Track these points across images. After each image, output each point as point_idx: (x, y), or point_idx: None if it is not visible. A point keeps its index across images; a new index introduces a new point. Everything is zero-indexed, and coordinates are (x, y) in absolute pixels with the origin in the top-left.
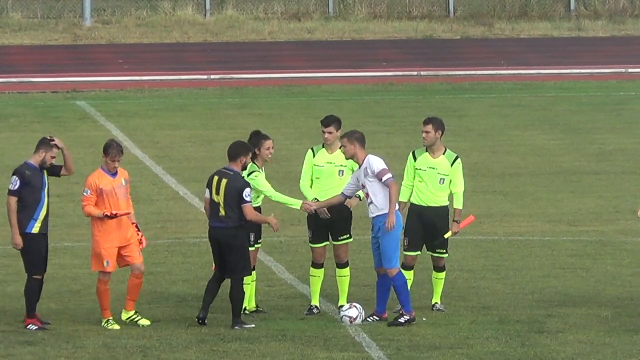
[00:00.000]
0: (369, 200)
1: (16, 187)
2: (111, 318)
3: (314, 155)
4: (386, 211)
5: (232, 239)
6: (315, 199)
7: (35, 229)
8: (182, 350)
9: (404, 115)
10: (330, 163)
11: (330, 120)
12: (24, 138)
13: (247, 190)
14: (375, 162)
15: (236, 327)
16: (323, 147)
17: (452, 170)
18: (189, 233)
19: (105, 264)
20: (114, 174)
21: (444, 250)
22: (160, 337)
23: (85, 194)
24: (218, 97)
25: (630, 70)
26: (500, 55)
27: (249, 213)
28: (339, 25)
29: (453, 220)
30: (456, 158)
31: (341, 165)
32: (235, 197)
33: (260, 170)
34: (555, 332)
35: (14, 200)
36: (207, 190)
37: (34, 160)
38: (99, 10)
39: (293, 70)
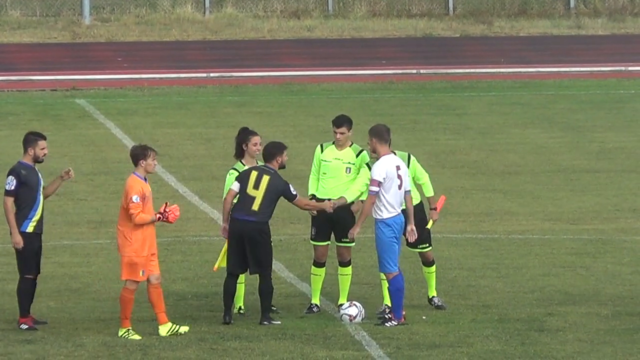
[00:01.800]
0: None
1: (12, 187)
2: (131, 328)
3: (322, 151)
4: (377, 217)
5: (260, 234)
6: (313, 195)
7: (30, 229)
8: (182, 348)
9: (403, 113)
10: (339, 159)
11: (342, 121)
12: (23, 136)
13: (290, 187)
14: (376, 168)
15: (264, 323)
16: (333, 144)
17: (411, 169)
18: (189, 231)
19: (141, 273)
20: (145, 178)
21: (427, 245)
22: (159, 336)
23: (135, 201)
24: (217, 95)
25: (630, 68)
26: (499, 53)
27: (301, 203)
28: (338, 23)
29: (431, 209)
30: (409, 156)
31: (349, 163)
32: (275, 195)
33: (242, 167)
34: (555, 330)
35: (10, 200)
36: (237, 184)
37: (27, 159)
38: (98, 8)
39: (292, 68)
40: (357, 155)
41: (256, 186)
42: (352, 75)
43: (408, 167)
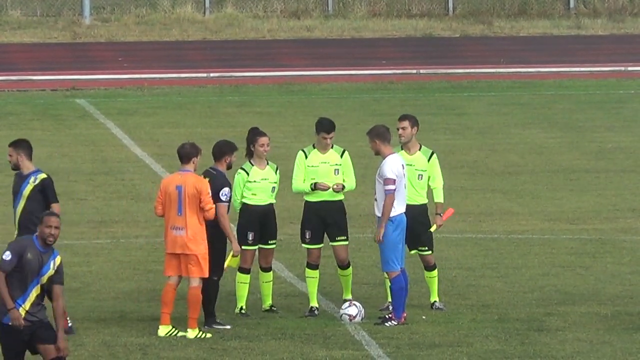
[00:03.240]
0: (375, 198)
1: None
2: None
3: (306, 157)
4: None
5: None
6: (313, 183)
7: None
8: (182, 348)
9: (403, 113)
10: (325, 163)
11: (331, 127)
12: (23, 136)
13: (226, 189)
14: (386, 167)
15: (206, 326)
16: (314, 147)
17: (430, 165)
18: None
19: None
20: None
21: (426, 248)
22: (159, 335)
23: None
24: (217, 95)
25: (629, 68)
26: (499, 53)
27: (220, 211)
28: (338, 23)
29: (436, 214)
30: (432, 153)
31: (336, 165)
32: (214, 196)
33: (250, 168)
34: (555, 330)
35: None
36: None
37: None
38: (99, 8)
39: (292, 68)
40: (341, 156)
41: None
42: (352, 75)
43: (428, 162)
